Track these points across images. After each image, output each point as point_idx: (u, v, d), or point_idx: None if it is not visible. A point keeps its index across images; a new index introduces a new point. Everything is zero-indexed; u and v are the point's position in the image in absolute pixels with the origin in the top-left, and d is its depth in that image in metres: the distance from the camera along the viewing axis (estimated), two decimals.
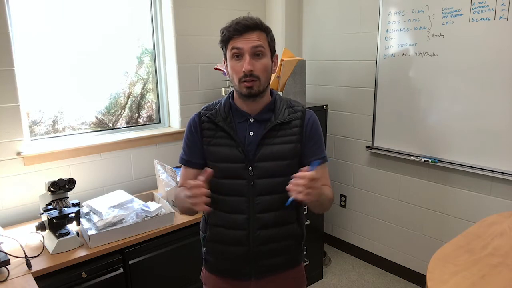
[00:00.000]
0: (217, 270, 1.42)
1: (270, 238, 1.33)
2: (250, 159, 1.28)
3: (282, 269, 1.40)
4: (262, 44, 1.24)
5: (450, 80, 2.34)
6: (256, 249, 1.33)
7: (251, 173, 1.29)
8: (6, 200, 2.09)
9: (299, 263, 1.46)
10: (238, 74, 1.24)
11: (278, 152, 1.30)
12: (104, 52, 2.49)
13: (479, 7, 2.15)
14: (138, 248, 1.93)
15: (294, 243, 1.40)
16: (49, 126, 2.36)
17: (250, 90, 1.24)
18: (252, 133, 1.30)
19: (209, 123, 1.33)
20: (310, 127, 1.34)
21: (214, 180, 1.33)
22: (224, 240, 1.35)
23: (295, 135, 1.32)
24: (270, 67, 1.28)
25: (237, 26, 1.22)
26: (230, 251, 1.35)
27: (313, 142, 1.35)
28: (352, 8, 2.84)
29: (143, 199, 2.20)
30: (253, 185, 1.29)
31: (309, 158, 1.33)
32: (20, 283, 1.52)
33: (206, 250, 1.42)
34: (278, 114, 1.31)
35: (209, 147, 1.33)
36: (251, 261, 1.34)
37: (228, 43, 1.25)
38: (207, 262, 1.44)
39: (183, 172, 1.41)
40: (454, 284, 1.11)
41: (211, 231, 1.39)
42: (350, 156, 3.08)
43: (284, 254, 1.38)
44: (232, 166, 1.30)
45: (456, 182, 2.48)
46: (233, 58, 1.25)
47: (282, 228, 1.35)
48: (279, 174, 1.30)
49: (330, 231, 3.36)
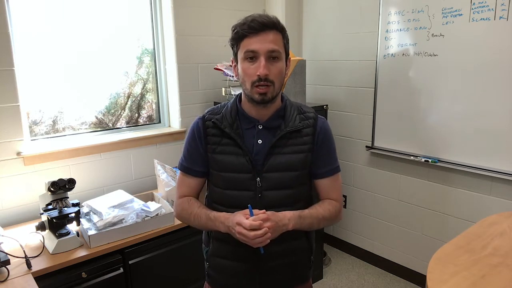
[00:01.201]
0: (220, 286, 1.34)
1: (277, 254, 1.25)
2: (258, 170, 1.21)
3: (290, 285, 1.33)
4: (279, 48, 1.15)
5: (450, 80, 2.34)
6: (261, 265, 1.26)
7: (258, 185, 1.21)
8: (6, 200, 2.09)
9: (307, 279, 1.39)
10: (251, 77, 1.15)
11: (287, 162, 1.22)
12: (104, 52, 2.49)
13: (479, 7, 2.15)
14: (138, 248, 1.93)
15: (302, 258, 1.33)
16: (49, 126, 2.36)
17: (264, 96, 1.16)
18: (261, 141, 1.22)
19: (215, 129, 1.24)
20: (323, 136, 1.27)
21: (218, 190, 1.27)
22: (228, 255, 1.28)
23: (306, 144, 1.24)
24: (284, 71, 1.20)
25: (253, 23, 1.12)
26: (234, 267, 1.28)
27: (324, 152, 1.28)
28: (352, 8, 2.84)
29: (143, 199, 2.20)
30: (260, 198, 1.21)
31: (320, 168, 1.28)
32: (20, 283, 1.52)
33: (209, 264, 1.35)
34: (289, 121, 1.23)
35: (213, 155, 1.24)
36: (256, 277, 1.27)
37: (241, 41, 1.15)
38: (210, 277, 1.37)
39: (182, 179, 1.33)
40: (454, 284, 1.11)
41: (214, 245, 1.31)
42: (350, 156, 3.08)
43: (291, 270, 1.31)
44: (238, 176, 1.22)
45: (456, 182, 2.48)
46: (246, 60, 1.15)
47: (290, 244, 1.27)
48: (288, 186, 1.23)
49: (330, 231, 3.36)
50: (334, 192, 1.31)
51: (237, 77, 1.23)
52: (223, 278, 1.32)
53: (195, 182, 1.31)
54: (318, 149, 1.27)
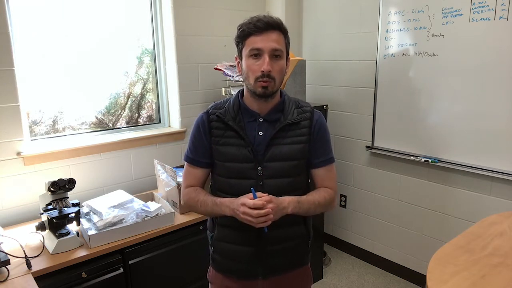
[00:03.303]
0: (224, 270, 1.42)
1: (278, 239, 1.34)
2: (259, 159, 1.29)
3: (290, 268, 1.41)
4: (282, 48, 1.25)
5: (450, 80, 2.34)
6: (264, 249, 1.34)
7: (260, 173, 1.29)
8: (6, 200, 2.09)
9: (306, 263, 1.48)
10: (255, 73, 1.24)
11: (287, 152, 1.31)
12: (104, 52, 2.49)
13: (479, 7, 2.15)
14: (138, 248, 1.93)
15: (301, 243, 1.41)
16: (49, 126, 2.36)
17: (265, 90, 1.25)
18: (262, 133, 1.31)
19: (218, 122, 1.33)
20: (318, 128, 1.35)
21: (222, 179, 1.35)
22: (232, 240, 1.36)
23: (304, 135, 1.33)
24: (284, 69, 1.30)
25: (259, 23, 1.22)
26: (238, 251, 1.36)
27: (320, 143, 1.36)
28: (352, 8, 2.84)
29: (143, 199, 2.20)
30: (262, 186, 1.29)
31: (316, 158, 1.36)
32: (20, 283, 1.52)
33: (214, 249, 1.43)
34: (288, 114, 1.32)
35: (217, 146, 1.33)
36: (259, 261, 1.35)
37: (246, 39, 1.25)
38: (214, 261, 1.44)
39: (188, 170, 1.41)
40: (454, 284, 1.11)
41: (219, 230, 1.39)
42: (350, 156, 3.08)
43: (292, 254, 1.40)
44: (241, 166, 1.30)
45: (456, 182, 2.48)
46: (250, 57, 1.24)
47: (290, 229, 1.36)
48: (288, 175, 1.32)
49: (330, 231, 3.36)
50: (329, 181, 1.41)
51: (241, 72, 1.32)
52: (227, 262, 1.40)
53: (201, 172, 1.39)
54: (314, 140, 1.35)
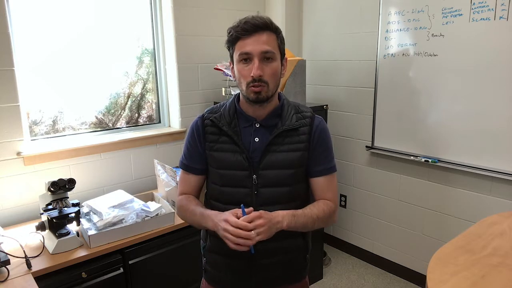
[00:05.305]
0: (216, 282, 1.37)
1: (272, 251, 1.27)
2: (254, 167, 1.22)
3: (285, 283, 1.34)
4: (272, 49, 1.17)
5: (450, 80, 2.34)
6: (256, 262, 1.27)
7: (255, 182, 1.22)
8: (6, 200, 2.09)
9: (303, 277, 1.40)
10: (246, 78, 1.17)
11: (284, 160, 1.23)
12: (104, 52, 2.49)
13: (479, 7, 2.15)
14: (138, 248, 1.93)
15: (297, 257, 1.34)
16: (49, 126, 2.36)
17: (258, 95, 1.18)
18: (258, 139, 1.24)
19: (213, 127, 1.27)
20: (319, 135, 1.27)
21: (216, 187, 1.28)
22: (224, 251, 1.26)
23: (303, 142, 1.25)
24: (279, 71, 1.22)
25: (246, 25, 1.15)
26: (229, 263, 1.30)
27: (320, 151, 1.28)
28: (352, 8, 2.84)
29: (143, 199, 2.20)
30: (256, 195, 1.23)
31: (315, 167, 1.28)
32: (20, 283, 1.52)
33: (206, 260, 1.37)
34: (286, 120, 1.25)
35: (211, 152, 1.27)
36: (252, 274, 1.29)
37: (235, 43, 1.18)
38: (207, 272, 1.39)
39: (183, 177, 1.36)
40: (454, 284, 1.11)
41: (212, 241, 1.33)
42: (350, 156, 3.08)
43: (287, 268, 1.33)
44: (235, 173, 1.23)
45: (456, 182, 2.48)
46: (240, 61, 1.18)
47: (285, 241, 1.28)
48: (284, 184, 1.24)
49: (330, 231, 3.36)
50: (329, 192, 1.31)
51: (234, 78, 1.25)
52: (219, 274, 1.34)
53: (195, 179, 1.34)
54: (314, 147, 1.27)
